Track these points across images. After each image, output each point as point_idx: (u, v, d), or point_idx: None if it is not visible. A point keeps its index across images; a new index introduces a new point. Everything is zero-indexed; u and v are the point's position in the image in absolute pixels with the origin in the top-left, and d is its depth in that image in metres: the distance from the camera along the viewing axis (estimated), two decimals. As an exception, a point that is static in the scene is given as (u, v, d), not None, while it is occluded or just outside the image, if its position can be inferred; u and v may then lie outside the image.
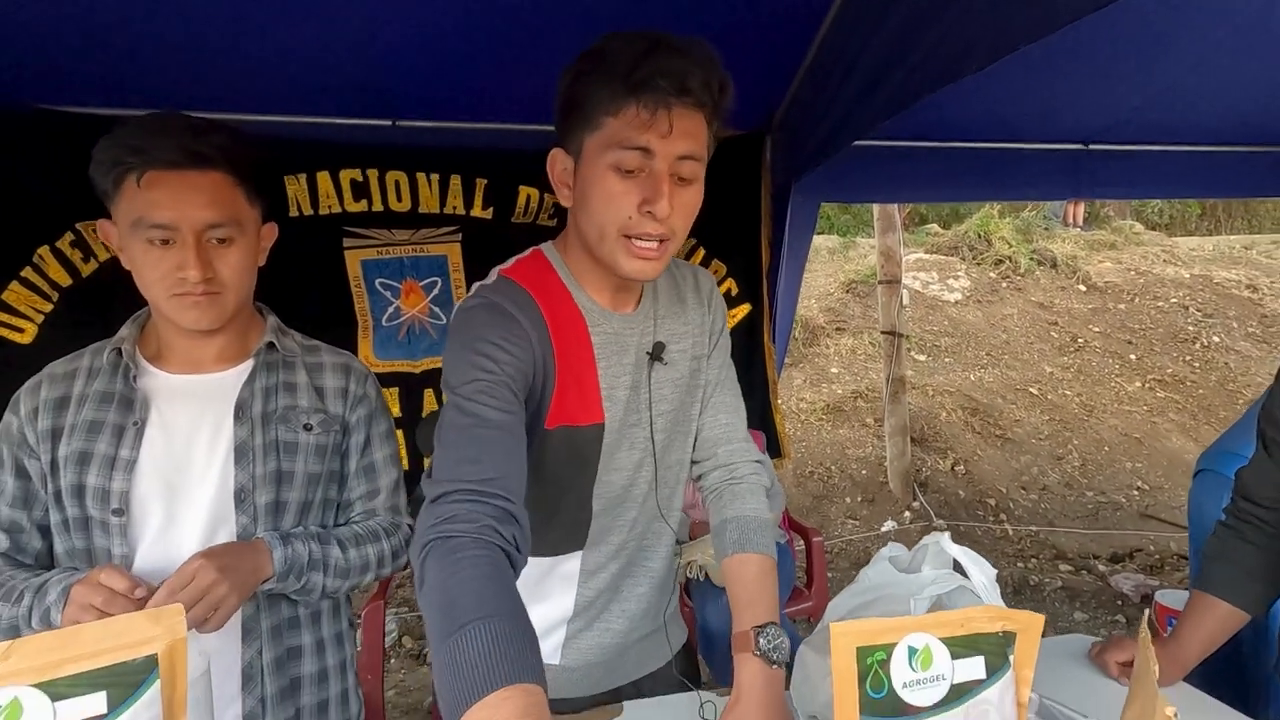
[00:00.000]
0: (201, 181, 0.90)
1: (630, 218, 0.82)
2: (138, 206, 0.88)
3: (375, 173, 2.63)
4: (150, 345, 0.99)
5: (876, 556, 1.02)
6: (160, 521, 0.92)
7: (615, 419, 0.93)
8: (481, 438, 0.77)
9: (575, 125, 0.83)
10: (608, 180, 0.81)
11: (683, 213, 0.84)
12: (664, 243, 0.84)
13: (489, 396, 0.79)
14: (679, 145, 0.80)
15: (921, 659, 0.63)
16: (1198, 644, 1.06)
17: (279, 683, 0.96)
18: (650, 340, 0.96)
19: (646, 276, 0.86)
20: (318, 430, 1.01)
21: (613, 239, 0.84)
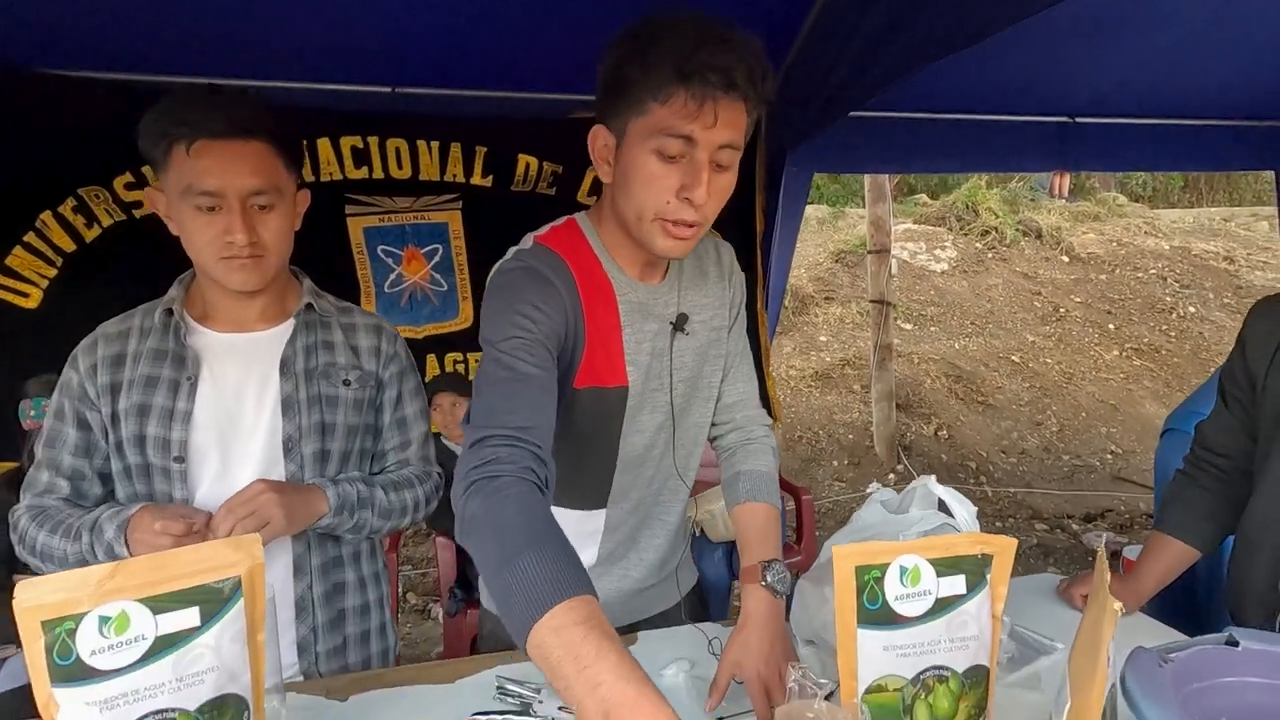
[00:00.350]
0: (245, 151, 0.95)
1: (668, 203, 0.85)
2: (186, 175, 0.94)
3: (376, 140, 2.65)
4: (196, 306, 1.05)
5: (869, 500, 1.12)
6: (216, 468, 0.99)
7: (638, 383, 0.98)
8: (518, 390, 0.83)
9: (620, 107, 0.85)
10: (649, 164, 0.84)
11: (717, 199, 0.88)
12: (696, 227, 0.88)
13: (525, 353, 0.84)
14: (721, 135, 0.82)
15: (911, 576, 0.73)
16: (1153, 578, 1.18)
17: (328, 614, 1.05)
18: (674, 311, 1.02)
19: (677, 255, 0.91)
20: (355, 385, 1.08)
21: (649, 221, 0.87)
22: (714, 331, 1.08)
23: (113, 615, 0.67)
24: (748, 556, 0.99)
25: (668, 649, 1.04)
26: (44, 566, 0.96)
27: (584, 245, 0.97)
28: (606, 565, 1.09)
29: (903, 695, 0.73)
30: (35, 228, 2.41)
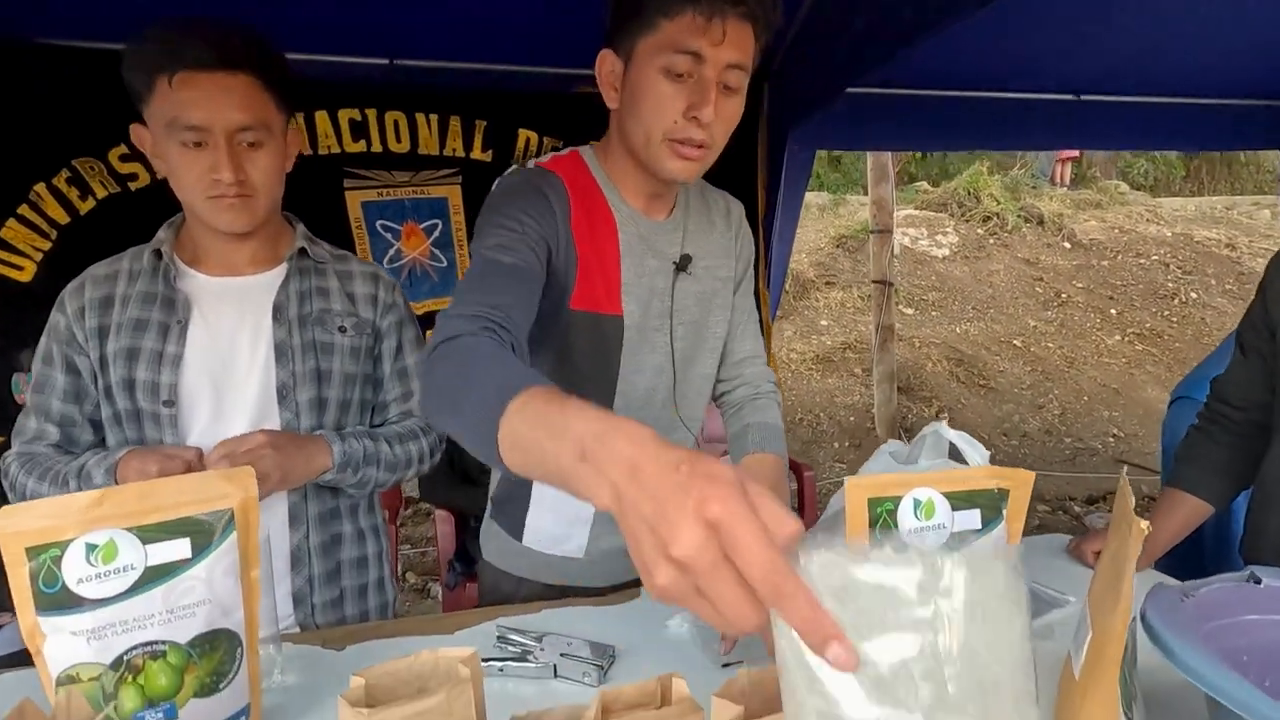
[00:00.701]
0: (232, 83, 0.92)
1: (676, 122, 0.85)
2: (170, 107, 0.90)
3: (374, 112, 2.62)
4: (186, 249, 1.02)
5: (877, 453, 1.09)
6: (209, 413, 0.97)
7: (634, 317, 0.97)
8: (491, 281, 0.82)
9: (629, 26, 0.85)
10: (658, 84, 0.84)
11: (725, 122, 0.88)
12: (704, 149, 0.88)
13: (506, 249, 0.84)
14: (729, 53, 0.83)
15: (925, 510, 0.71)
16: (1166, 534, 1.16)
17: (325, 565, 1.03)
18: (678, 250, 1.01)
19: (685, 177, 0.90)
20: (351, 333, 1.06)
21: (657, 142, 0.87)
22: (719, 281, 1.06)
23: (100, 543, 0.65)
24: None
25: (672, 601, 1.02)
26: None
27: (585, 173, 0.97)
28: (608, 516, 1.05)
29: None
30: (29, 200, 2.38)
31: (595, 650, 0.87)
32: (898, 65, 2.71)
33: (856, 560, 0.36)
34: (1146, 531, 0.57)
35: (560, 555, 1.07)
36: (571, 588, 1.07)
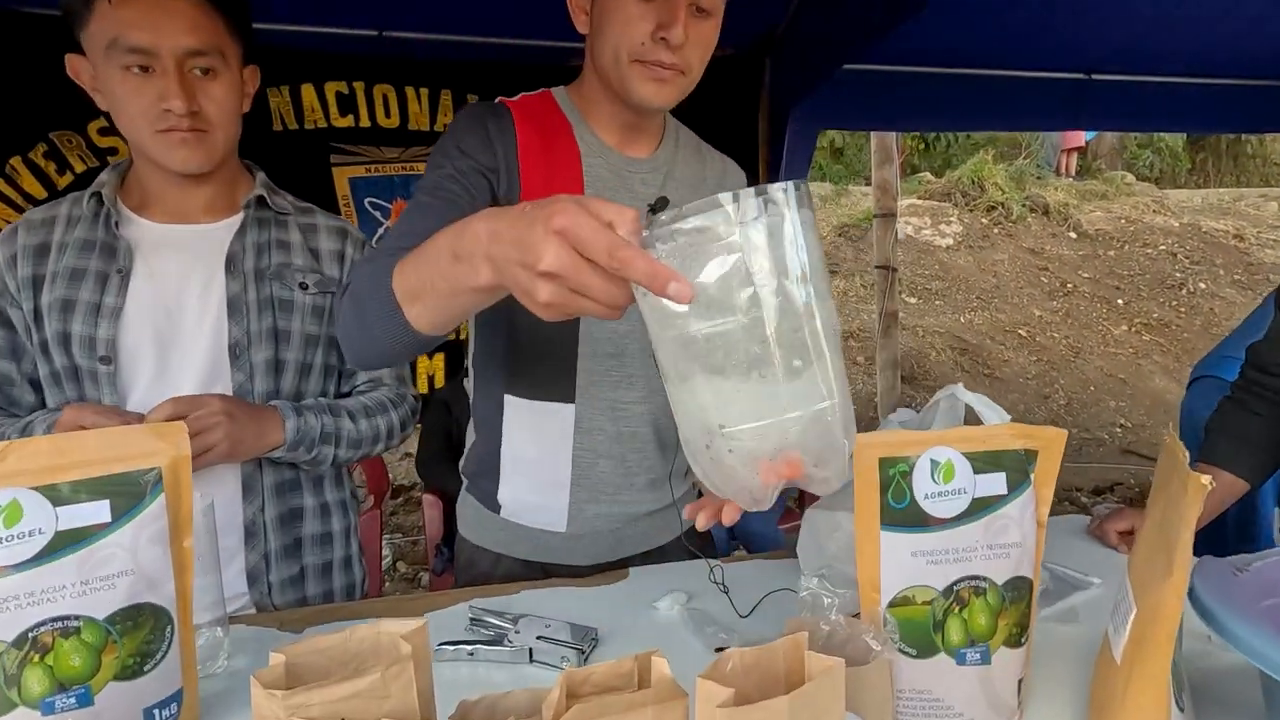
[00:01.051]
0: (179, 5, 0.84)
1: (644, 44, 0.81)
2: (111, 26, 0.82)
3: (362, 85, 2.53)
4: (133, 195, 0.94)
5: (885, 421, 1.01)
6: (151, 372, 0.89)
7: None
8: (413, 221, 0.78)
9: None
10: (625, 4, 0.81)
11: (698, 46, 0.84)
12: (676, 71, 0.83)
13: (434, 190, 0.82)
14: None
15: (944, 472, 0.63)
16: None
17: (282, 540, 0.95)
18: (656, 193, 0.94)
19: (659, 102, 0.85)
20: (314, 290, 0.98)
21: (626, 64, 0.83)
22: None
23: (3, 504, 0.57)
24: None
25: (661, 583, 0.94)
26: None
27: (553, 109, 0.92)
28: (588, 487, 0.97)
29: (933, 609, 0.62)
30: (4, 174, 2.31)
31: (576, 633, 0.79)
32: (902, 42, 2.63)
33: (679, 217, 0.45)
34: (1210, 487, 0.48)
35: (539, 528, 0.99)
36: (552, 565, 1.00)
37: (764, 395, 0.46)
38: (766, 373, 0.45)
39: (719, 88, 2.74)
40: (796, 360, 0.46)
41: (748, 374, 0.45)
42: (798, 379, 0.46)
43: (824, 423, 0.47)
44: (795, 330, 0.46)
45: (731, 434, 0.47)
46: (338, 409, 0.98)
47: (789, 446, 0.47)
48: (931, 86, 3.17)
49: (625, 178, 0.92)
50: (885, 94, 3.14)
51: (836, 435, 0.48)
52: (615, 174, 0.92)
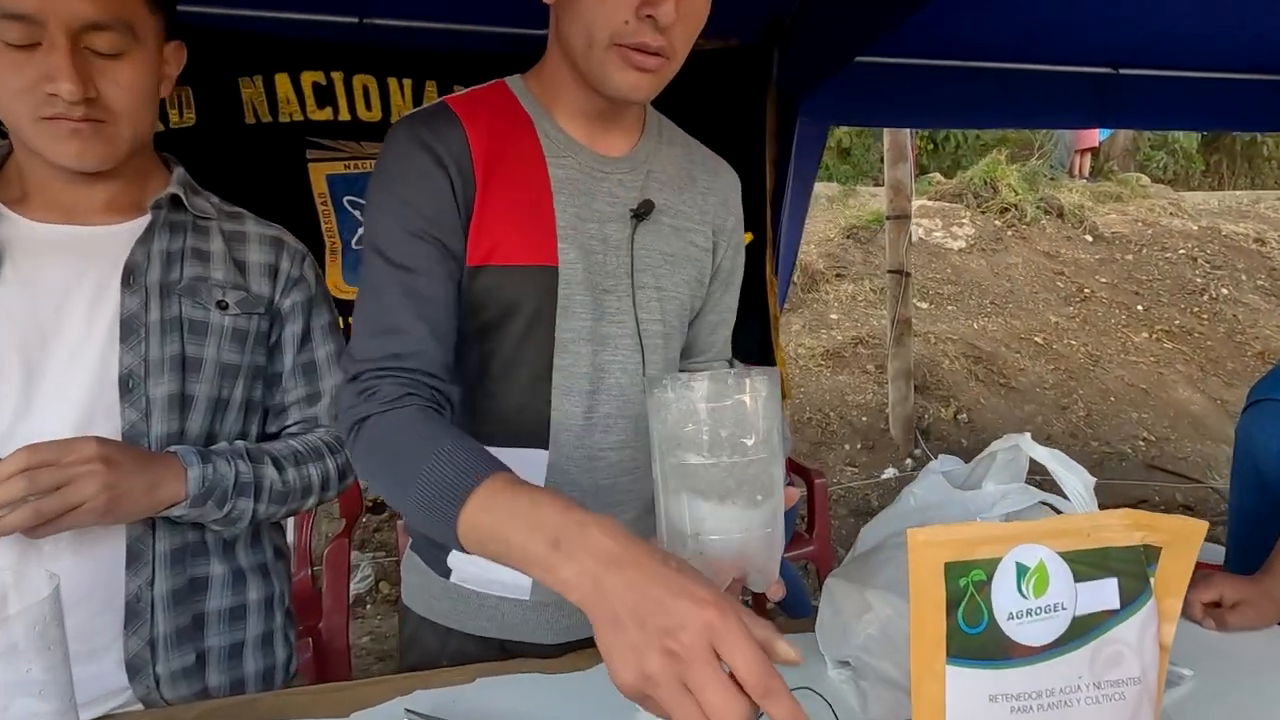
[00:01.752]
0: None
1: (626, 22, 0.68)
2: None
3: (340, 76, 2.37)
4: (12, 187, 0.77)
5: (925, 470, 0.83)
6: (14, 406, 0.71)
7: (577, 268, 0.76)
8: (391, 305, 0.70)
9: None
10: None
11: (687, 24, 0.71)
12: (661, 59, 0.70)
13: (400, 248, 0.71)
14: None
15: (1035, 581, 0.45)
16: None
17: (175, 621, 0.77)
18: (637, 196, 0.80)
19: (640, 95, 0.72)
20: (235, 309, 0.80)
21: (603, 47, 0.70)
22: (694, 248, 0.84)
23: None
24: None
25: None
26: None
27: (509, 103, 0.78)
28: None
29: (1019, 775, 0.44)
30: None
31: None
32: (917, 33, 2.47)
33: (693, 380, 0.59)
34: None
35: (498, 597, 0.81)
36: (514, 644, 0.82)
37: (731, 517, 0.59)
38: (737, 501, 0.58)
39: (725, 79, 2.59)
40: (758, 495, 0.59)
41: (723, 500, 0.58)
42: (756, 509, 0.59)
43: (769, 541, 0.61)
44: (759, 474, 0.59)
45: (707, 540, 0.59)
46: (259, 454, 0.80)
47: (740, 555, 0.59)
48: (948, 81, 3.00)
49: (599, 179, 0.78)
50: (899, 88, 2.99)
51: (775, 551, 0.62)
52: (587, 175, 0.78)
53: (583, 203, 0.77)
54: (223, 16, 2.23)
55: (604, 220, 0.78)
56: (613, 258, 0.78)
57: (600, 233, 0.77)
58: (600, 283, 0.77)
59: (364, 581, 2.88)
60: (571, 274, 0.75)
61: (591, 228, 0.77)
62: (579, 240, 0.76)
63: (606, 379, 0.79)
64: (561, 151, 0.77)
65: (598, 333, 0.78)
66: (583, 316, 0.77)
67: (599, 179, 0.78)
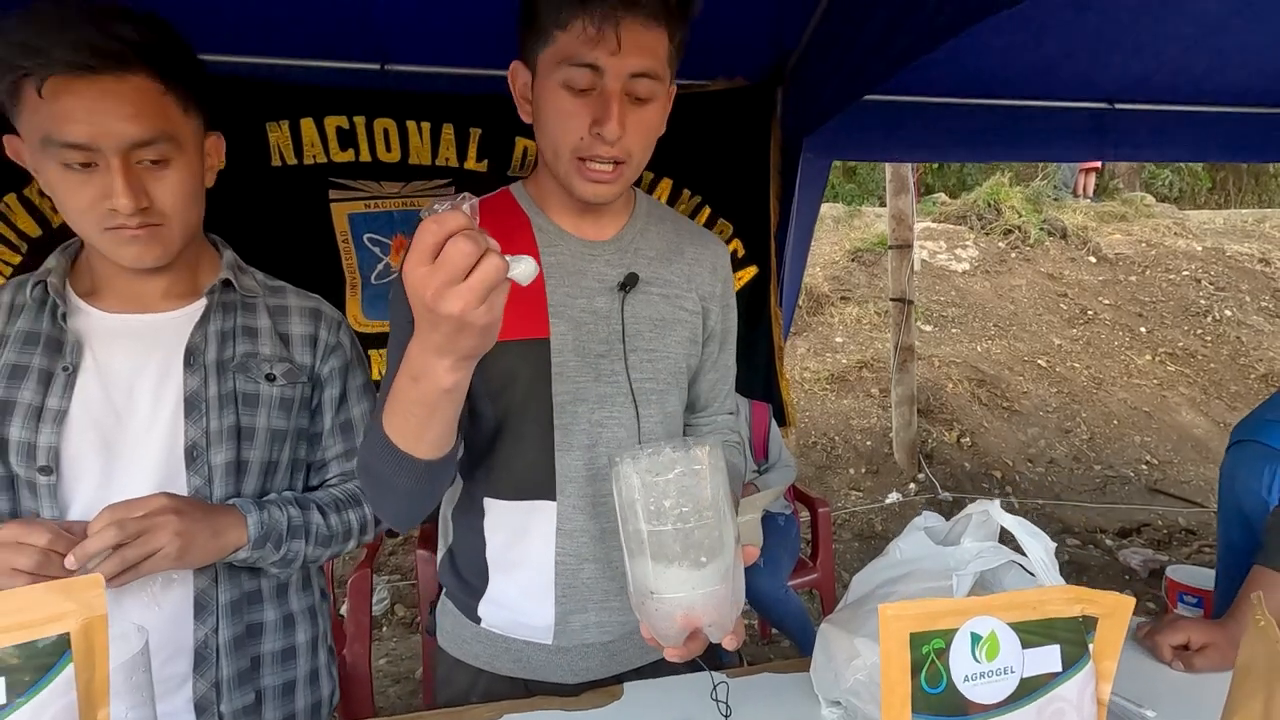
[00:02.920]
0: (120, 88, 0.74)
1: (582, 139, 0.79)
2: (43, 121, 0.73)
3: (363, 120, 2.48)
4: (83, 280, 0.86)
5: (910, 526, 0.91)
6: (96, 481, 0.80)
7: (567, 337, 0.87)
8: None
9: (530, 37, 0.80)
10: (559, 98, 0.78)
11: (639, 133, 0.81)
12: (619, 165, 0.81)
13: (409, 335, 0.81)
14: (631, 62, 0.76)
15: (987, 648, 0.53)
16: None
17: (237, 664, 0.86)
18: (622, 272, 0.90)
19: (602, 199, 0.84)
20: (282, 381, 0.89)
21: (566, 160, 0.81)
22: (682, 311, 0.94)
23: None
24: None
25: (658, 702, 0.85)
26: None
27: (509, 206, 0.90)
28: (573, 589, 0.89)
29: (976, 815, 0.52)
30: (0, 212, 2.26)
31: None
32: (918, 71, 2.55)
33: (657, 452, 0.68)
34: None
35: (523, 641, 0.89)
36: (537, 683, 0.90)
37: (680, 578, 0.67)
38: (683, 564, 0.67)
39: (731, 118, 2.70)
40: (703, 558, 0.67)
41: (670, 563, 0.67)
42: (701, 570, 0.67)
43: (718, 598, 0.69)
44: (704, 539, 0.67)
45: (660, 598, 0.68)
46: (305, 501, 0.89)
47: (690, 610, 0.68)
48: (948, 116, 3.09)
49: (588, 261, 0.89)
50: (900, 124, 3.06)
51: (727, 606, 0.70)
52: (576, 258, 0.89)
53: (572, 281, 0.87)
54: (253, 65, 2.34)
55: (593, 295, 0.88)
56: (604, 326, 0.88)
57: (590, 305, 0.88)
58: (593, 349, 0.87)
59: (380, 604, 2.95)
60: (562, 343, 0.86)
61: (581, 302, 0.87)
62: (568, 314, 0.86)
63: (604, 433, 0.88)
64: (553, 241, 0.88)
65: (593, 393, 0.87)
66: (576, 380, 0.87)
67: (588, 261, 0.89)
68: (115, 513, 0.73)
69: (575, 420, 0.87)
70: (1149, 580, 3.31)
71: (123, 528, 0.72)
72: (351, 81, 2.45)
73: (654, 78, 0.78)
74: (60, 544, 0.71)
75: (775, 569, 2.25)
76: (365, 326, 2.57)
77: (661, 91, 0.81)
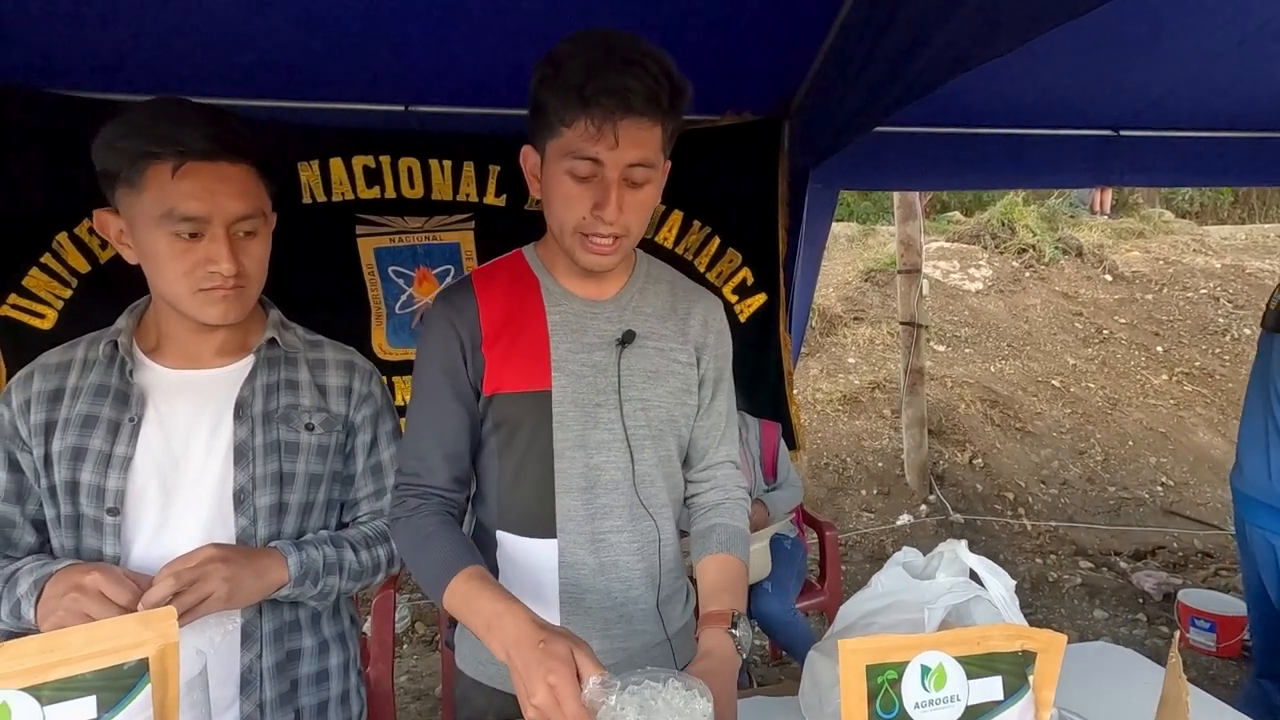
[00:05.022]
0: (233, 173, 0.88)
1: (584, 218, 0.89)
2: (169, 198, 0.85)
3: (388, 159, 2.61)
4: (149, 338, 0.97)
5: (890, 561, 0.99)
6: (155, 522, 0.90)
7: (567, 389, 0.96)
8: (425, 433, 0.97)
9: (538, 128, 0.90)
10: (564, 184, 0.88)
11: (635, 212, 0.91)
12: (618, 239, 0.91)
13: (431, 396, 0.97)
14: (627, 155, 0.86)
15: (935, 678, 0.60)
16: None
17: (279, 687, 0.95)
18: (621, 329, 0.99)
19: (603, 267, 0.95)
20: (320, 430, 0.99)
21: (570, 235, 0.91)
22: (676, 363, 1.03)
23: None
24: (715, 601, 0.95)
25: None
26: None
27: (521, 269, 1.02)
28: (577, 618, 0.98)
29: (926, 827, 0.60)
30: (51, 249, 2.41)
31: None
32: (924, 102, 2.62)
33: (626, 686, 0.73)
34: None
35: None
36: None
37: None
38: None
39: (739, 151, 2.79)
40: None
41: None
42: None
43: None
44: None
45: None
46: (339, 540, 0.99)
47: None
48: (954, 146, 3.15)
49: (589, 319, 0.99)
50: (906, 154, 3.13)
51: None
52: (578, 317, 0.99)
53: (574, 338, 0.97)
54: (286, 109, 2.48)
55: (592, 349, 0.98)
56: (602, 378, 0.97)
57: (589, 359, 0.97)
58: (592, 399, 0.97)
59: (401, 622, 3.04)
60: (563, 395, 0.96)
61: (581, 357, 0.97)
62: (569, 368, 0.96)
63: (602, 476, 0.97)
64: (559, 301, 0.99)
65: (590, 439, 0.97)
66: (574, 428, 0.96)
67: (589, 319, 0.99)
68: (172, 566, 0.83)
69: (572, 465, 0.96)
70: (1162, 604, 3.31)
71: (179, 578, 0.81)
72: (377, 123, 2.58)
73: (648, 165, 0.88)
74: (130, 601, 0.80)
75: (783, 591, 2.31)
76: (389, 354, 2.68)
77: (655, 174, 0.91)
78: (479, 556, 0.90)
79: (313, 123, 2.50)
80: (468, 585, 0.84)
